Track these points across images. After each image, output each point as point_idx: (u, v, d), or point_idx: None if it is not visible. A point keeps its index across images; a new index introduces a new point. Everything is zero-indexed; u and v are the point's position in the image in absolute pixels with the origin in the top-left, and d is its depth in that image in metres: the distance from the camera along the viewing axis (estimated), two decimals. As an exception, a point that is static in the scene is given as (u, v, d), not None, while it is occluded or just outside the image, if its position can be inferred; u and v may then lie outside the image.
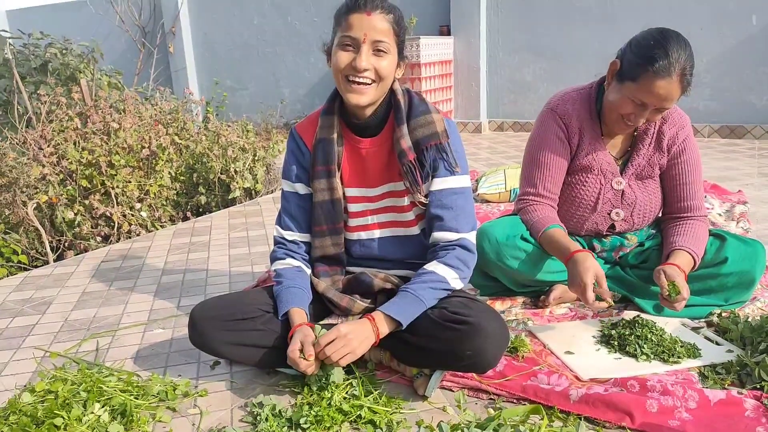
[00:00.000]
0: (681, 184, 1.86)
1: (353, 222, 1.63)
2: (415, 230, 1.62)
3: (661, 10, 5.40)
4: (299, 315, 1.52)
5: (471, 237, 1.55)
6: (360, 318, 1.50)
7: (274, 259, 1.66)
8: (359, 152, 1.58)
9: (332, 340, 1.39)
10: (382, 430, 1.33)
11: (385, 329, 1.44)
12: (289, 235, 1.65)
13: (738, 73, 5.25)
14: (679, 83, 1.62)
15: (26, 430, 1.31)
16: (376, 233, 1.63)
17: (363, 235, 1.64)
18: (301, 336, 1.44)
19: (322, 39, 1.67)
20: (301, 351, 1.41)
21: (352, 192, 1.60)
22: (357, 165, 1.59)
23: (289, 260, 1.63)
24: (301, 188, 1.63)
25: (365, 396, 1.44)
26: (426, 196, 1.55)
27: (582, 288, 1.60)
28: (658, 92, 1.62)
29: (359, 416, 1.37)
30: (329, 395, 1.43)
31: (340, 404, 1.40)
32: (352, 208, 1.61)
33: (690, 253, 1.73)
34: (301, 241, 1.65)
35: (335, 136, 1.56)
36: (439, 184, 1.53)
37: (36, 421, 1.35)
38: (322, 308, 1.65)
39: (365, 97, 1.47)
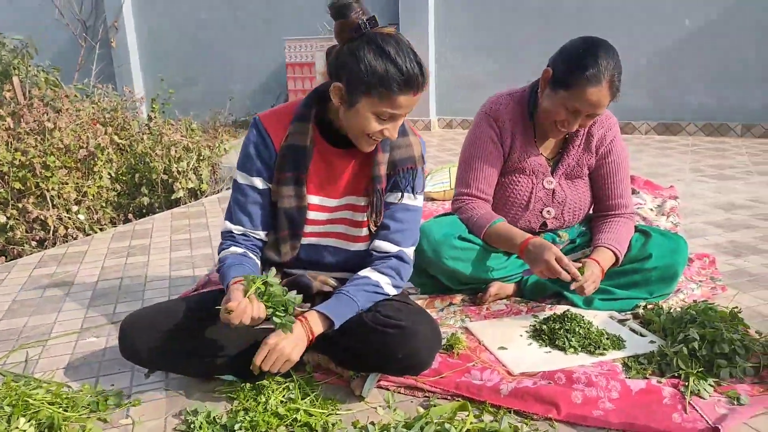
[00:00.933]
0: (609, 184, 1.94)
1: (308, 228, 1.58)
2: (362, 246, 1.60)
3: (601, 10, 5.58)
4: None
5: (410, 252, 1.59)
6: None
7: (219, 251, 1.58)
8: (327, 161, 1.55)
9: (265, 355, 1.37)
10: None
11: (318, 328, 1.43)
12: (238, 230, 1.57)
13: (673, 73, 5.48)
14: (609, 90, 1.68)
15: (-56, 448, 1.27)
16: (325, 241, 1.61)
17: (313, 240, 1.62)
18: (229, 291, 1.39)
19: (274, 33, 1.62)
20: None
21: (313, 200, 1.56)
22: (322, 173, 1.56)
23: (233, 248, 1.55)
24: (259, 183, 1.54)
25: (302, 399, 1.45)
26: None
27: (547, 266, 1.68)
28: (590, 99, 1.68)
29: (295, 419, 1.38)
30: (264, 399, 1.43)
31: (276, 408, 1.40)
32: (311, 215, 1.57)
33: (612, 250, 1.81)
34: (253, 236, 1.57)
35: (309, 144, 1.50)
36: (395, 198, 1.56)
37: (-45, 438, 1.30)
38: None
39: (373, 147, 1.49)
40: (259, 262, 1.57)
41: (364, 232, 1.58)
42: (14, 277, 2.52)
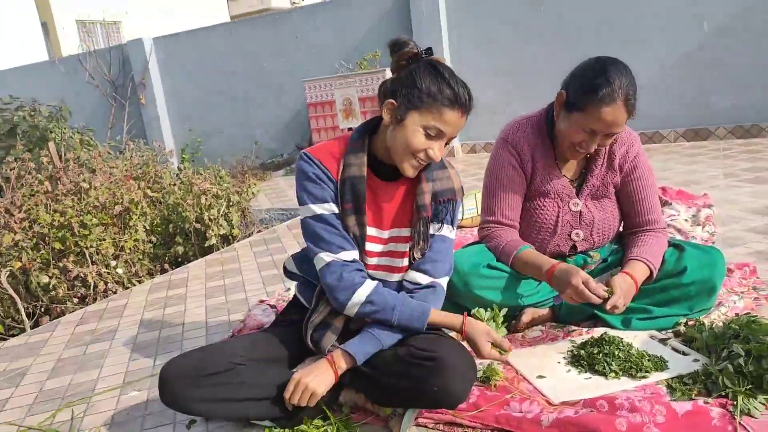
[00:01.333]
0: (636, 200, 1.91)
1: (366, 260, 1.62)
2: (400, 277, 1.63)
3: (615, 22, 5.57)
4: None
5: (443, 282, 1.62)
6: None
7: (348, 287, 1.50)
8: (374, 192, 1.59)
9: (291, 391, 1.46)
10: (357, 475, 1.33)
11: (342, 365, 1.49)
12: (348, 255, 1.53)
13: (696, 77, 5.39)
14: (625, 107, 1.68)
15: None
16: (374, 273, 1.63)
17: (368, 272, 1.64)
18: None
19: (292, 78, 1.69)
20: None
21: (371, 231, 1.60)
22: (373, 205, 1.60)
23: (369, 281, 1.53)
24: (335, 208, 1.55)
25: (341, 441, 1.44)
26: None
27: (575, 292, 1.65)
28: (606, 119, 1.67)
29: (334, 463, 1.37)
30: (304, 444, 1.43)
31: (316, 452, 1.40)
32: (368, 246, 1.60)
33: (645, 263, 1.77)
34: (359, 260, 1.56)
35: (365, 175, 1.54)
36: (434, 229, 1.60)
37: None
38: (299, 349, 1.67)
39: (417, 172, 1.53)
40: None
41: (405, 262, 1.61)
42: (58, 335, 2.59)
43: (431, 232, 1.59)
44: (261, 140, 7.71)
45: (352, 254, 1.55)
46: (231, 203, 4.08)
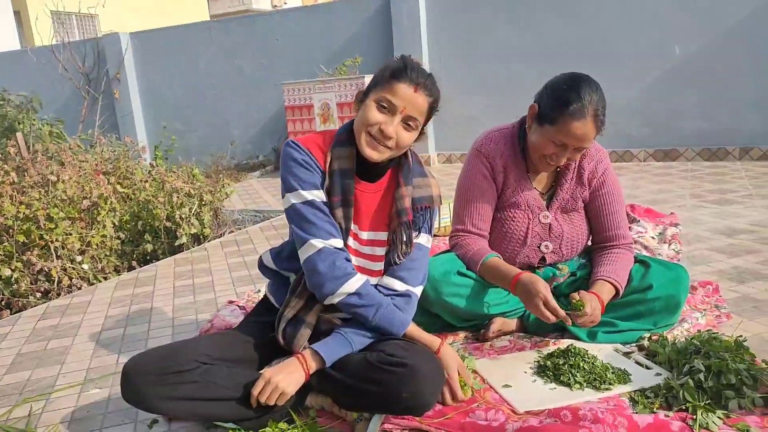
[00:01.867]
0: (604, 215, 1.95)
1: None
2: (374, 281, 1.62)
3: (592, 43, 5.69)
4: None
5: (417, 291, 1.63)
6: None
7: (341, 276, 1.49)
8: (356, 194, 1.59)
9: (261, 388, 1.45)
10: (321, 480, 1.32)
11: (313, 365, 1.50)
12: (338, 243, 1.52)
13: (667, 100, 5.55)
14: (594, 123, 1.72)
15: None
16: None
17: None
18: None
19: (270, 80, 1.72)
20: None
21: (353, 227, 1.60)
22: (354, 205, 1.60)
23: (360, 274, 1.54)
24: (323, 196, 1.53)
25: (305, 445, 1.43)
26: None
27: (537, 311, 1.67)
28: (576, 133, 1.71)
29: (298, 467, 1.36)
30: (268, 448, 1.41)
31: (279, 455, 1.39)
32: (349, 242, 1.60)
33: (611, 282, 1.81)
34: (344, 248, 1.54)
35: (354, 167, 1.55)
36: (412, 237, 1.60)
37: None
38: (266, 350, 1.66)
39: (377, 154, 1.52)
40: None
41: (379, 266, 1.62)
42: (18, 329, 2.52)
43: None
44: (237, 141, 7.65)
45: (342, 243, 1.53)
46: (203, 202, 4.04)
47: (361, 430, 1.49)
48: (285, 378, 1.46)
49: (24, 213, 3.22)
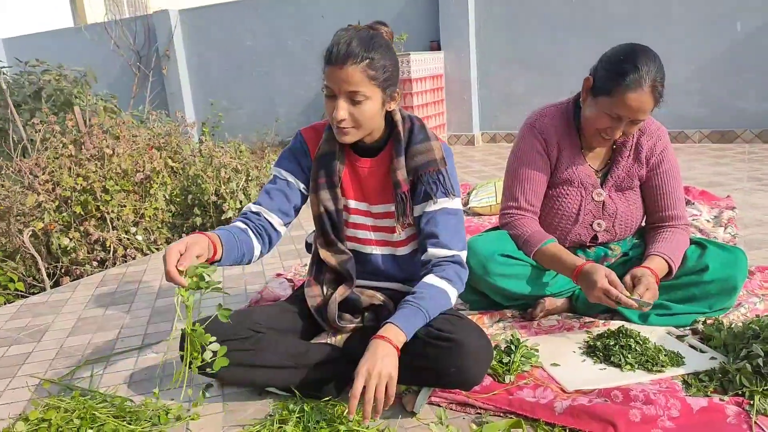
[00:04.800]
0: (661, 195, 1.89)
1: (349, 232, 1.69)
2: (405, 250, 1.68)
3: (646, 18, 5.48)
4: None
5: (463, 255, 1.60)
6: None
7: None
8: (357, 171, 1.65)
9: (364, 387, 1.30)
10: (370, 448, 1.35)
11: (401, 338, 1.39)
12: (255, 208, 1.63)
13: (725, 79, 5.30)
14: (651, 95, 1.66)
15: (19, 459, 1.34)
16: (375, 250, 1.69)
17: (357, 247, 1.69)
18: (189, 239, 1.36)
19: (315, 58, 1.75)
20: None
21: (352, 204, 1.66)
22: (356, 182, 1.66)
23: (238, 223, 1.59)
24: (290, 177, 1.66)
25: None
26: (419, 218, 1.60)
27: (602, 294, 1.63)
28: (631, 105, 1.66)
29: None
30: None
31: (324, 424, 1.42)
32: (352, 219, 1.67)
33: (665, 259, 1.76)
34: (265, 217, 1.62)
35: (337, 149, 1.61)
36: (435, 205, 1.58)
37: (29, 449, 1.37)
38: (312, 324, 1.70)
39: (349, 138, 1.53)
40: (255, 242, 1.58)
41: (398, 237, 1.66)
42: (79, 295, 2.64)
43: (428, 209, 1.58)
44: (282, 118, 7.72)
45: (260, 209, 1.62)
46: (250, 178, 4.10)
47: (409, 402, 1.51)
48: (384, 365, 1.32)
49: (81, 185, 3.34)
